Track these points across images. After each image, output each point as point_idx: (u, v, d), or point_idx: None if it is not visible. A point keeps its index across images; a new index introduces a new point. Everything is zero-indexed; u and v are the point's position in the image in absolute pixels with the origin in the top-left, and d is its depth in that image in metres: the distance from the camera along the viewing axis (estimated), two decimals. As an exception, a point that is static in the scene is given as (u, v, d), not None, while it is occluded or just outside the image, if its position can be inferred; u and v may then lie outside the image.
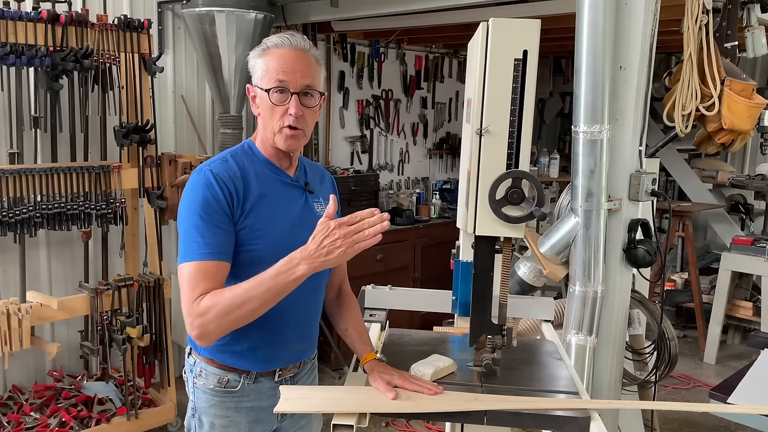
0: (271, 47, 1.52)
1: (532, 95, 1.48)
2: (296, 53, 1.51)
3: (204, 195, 1.45)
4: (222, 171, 1.49)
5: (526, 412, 1.45)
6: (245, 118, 4.01)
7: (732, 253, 4.48)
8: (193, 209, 1.45)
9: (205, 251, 1.43)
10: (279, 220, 1.54)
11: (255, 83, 1.54)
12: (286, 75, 1.49)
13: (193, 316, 1.39)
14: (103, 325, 3.07)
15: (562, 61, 5.96)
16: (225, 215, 1.46)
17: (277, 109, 1.51)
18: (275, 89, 1.49)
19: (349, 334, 1.72)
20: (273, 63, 1.50)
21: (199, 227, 1.43)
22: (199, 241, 1.43)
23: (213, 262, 1.43)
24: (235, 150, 1.60)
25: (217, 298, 1.39)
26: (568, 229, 2.12)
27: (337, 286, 1.79)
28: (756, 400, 2.24)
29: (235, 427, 1.61)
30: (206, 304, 1.38)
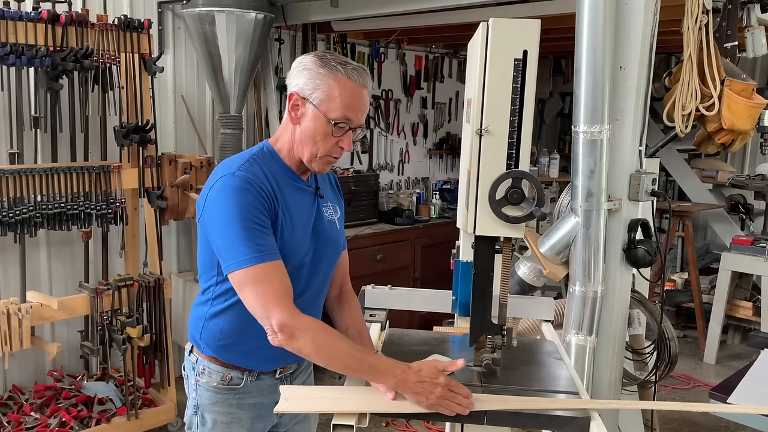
0: (341, 75, 1.47)
1: (532, 95, 1.49)
2: (363, 92, 1.51)
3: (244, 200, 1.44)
4: (253, 174, 1.47)
5: (526, 412, 1.46)
6: (245, 118, 4.01)
7: (732, 253, 4.48)
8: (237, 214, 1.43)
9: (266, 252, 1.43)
10: (297, 226, 1.55)
11: (311, 100, 1.49)
12: (353, 113, 1.49)
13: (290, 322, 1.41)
14: (103, 325, 3.07)
15: (562, 61, 5.96)
16: (266, 217, 1.46)
17: (330, 139, 1.50)
18: (342, 124, 1.49)
19: (349, 333, 1.72)
20: (343, 96, 1.47)
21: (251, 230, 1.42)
22: (253, 244, 1.42)
23: (277, 262, 1.45)
24: (255, 153, 1.57)
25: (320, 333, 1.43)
26: (568, 229, 2.12)
27: (338, 285, 1.79)
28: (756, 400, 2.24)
29: (237, 423, 1.62)
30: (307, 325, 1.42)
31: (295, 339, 1.41)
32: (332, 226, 1.67)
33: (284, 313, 1.41)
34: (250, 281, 1.42)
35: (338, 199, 1.77)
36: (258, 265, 1.41)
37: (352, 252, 1.90)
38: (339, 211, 1.73)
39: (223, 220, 1.45)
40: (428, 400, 1.39)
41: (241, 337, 1.55)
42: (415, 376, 1.41)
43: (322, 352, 1.44)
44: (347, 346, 1.45)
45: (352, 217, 4.34)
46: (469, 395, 1.42)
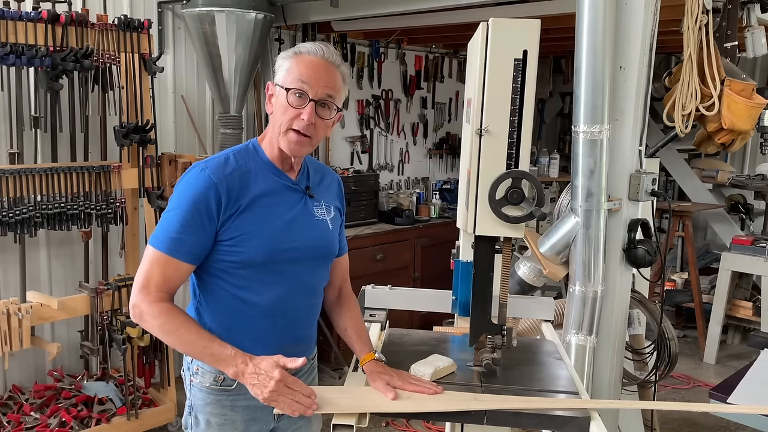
0: (303, 52, 1.53)
1: (532, 95, 1.49)
2: (325, 64, 1.52)
3: (195, 194, 1.48)
4: (219, 173, 1.50)
5: (526, 412, 1.46)
6: (245, 118, 4.01)
7: (732, 253, 4.48)
8: (181, 204, 1.49)
9: (177, 248, 1.48)
10: (271, 223, 1.54)
11: (276, 81, 1.54)
12: (310, 80, 1.50)
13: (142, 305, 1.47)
14: (103, 325, 3.07)
15: (562, 61, 5.96)
16: (209, 220, 1.48)
17: (290, 110, 1.51)
18: (295, 90, 1.50)
19: (348, 334, 1.72)
20: (300, 66, 1.51)
21: (181, 223, 1.47)
22: (174, 236, 1.48)
23: (176, 262, 1.49)
24: (238, 149, 1.60)
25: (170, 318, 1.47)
26: (568, 229, 2.12)
27: (337, 287, 1.79)
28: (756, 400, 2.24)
29: (230, 425, 1.61)
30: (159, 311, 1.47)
31: (144, 321, 1.49)
32: (321, 226, 1.65)
33: (144, 299, 1.48)
34: (146, 259, 1.50)
35: (337, 201, 1.76)
36: (160, 253, 1.48)
37: (353, 252, 1.90)
38: (334, 212, 1.71)
39: (170, 204, 1.52)
40: (262, 393, 1.39)
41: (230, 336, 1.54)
42: (252, 368, 1.41)
43: (166, 338, 1.51)
44: (192, 334, 1.48)
45: (352, 217, 4.35)
46: (311, 395, 1.40)
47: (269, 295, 1.56)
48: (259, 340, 1.57)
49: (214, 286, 1.56)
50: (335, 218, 1.71)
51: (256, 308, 1.56)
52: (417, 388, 1.50)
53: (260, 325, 1.57)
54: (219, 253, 1.52)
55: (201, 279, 1.57)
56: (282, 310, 1.58)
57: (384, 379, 1.52)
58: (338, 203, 1.76)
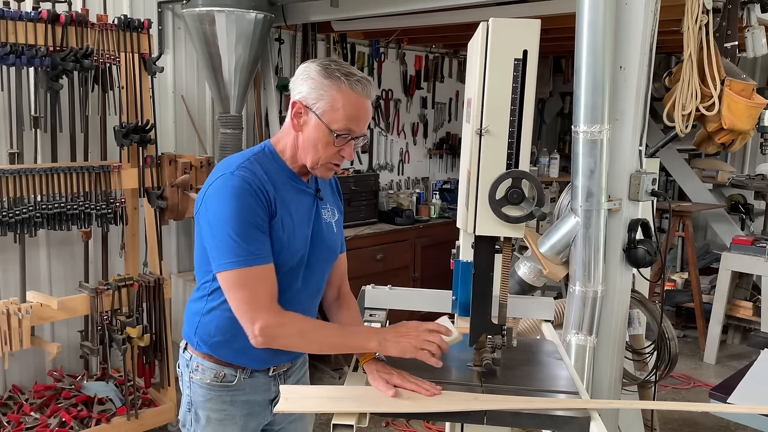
0: (345, 86, 1.48)
1: (532, 95, 1.49)
2: (366, 103, 1.52)
3: (242, 200, 1.45)
4: (251, 174, 1.49)
5: (526, 412, 1.45)
6: (245, 118, 4.01)
7: (732, 253, 4.48)
8: (233, 214, 1.45)
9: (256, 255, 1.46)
10: (293, 231, 1.55)
11: (314, 110, 1.50)
12: (355, 125, 1.50)
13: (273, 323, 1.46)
14: (103, 325, 3.07)
15: (562, 61, 5.96)
16: (263, 218, 1.47)
17: (332, 148, 1.51)
18: (342, 135, 1.50)
19: None
20: (347, 107, 1.48)
21: (245, 232, 1.45)
22: (245, 246, 1.45)
23: (264, 267, 1.47)
24: (256, 152, 1.58)
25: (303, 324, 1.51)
26: (568, 229, 2.12)
27: (336, 287, 1.80)
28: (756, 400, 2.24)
29: (230, 420, 1.62)
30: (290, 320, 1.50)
31: (280, 337, 1.49)
32: (329, 228, 1.68)
33: (269, 317, 1.46)
34: (237, 284, 1.46)
35: (337, 201, 1.77)
36: (246, 268, 1.45)
37: (353, 252, 1.91)
38: (337, 214, 1.73)
39: (218, 219, 1.46)
40: (409, 343, 1.47)
41: (236, 334, 1.55)
42: (393, 331, 1.51)
43: (305, 341, 1.52)
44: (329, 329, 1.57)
45: (352, 217, 4.35)
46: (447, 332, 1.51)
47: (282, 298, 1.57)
48: None
49: None
50: (338, 220, 1.74)
51: None
52: (416, 387, 1.50)
53: None
54: None
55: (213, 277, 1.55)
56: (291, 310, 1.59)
57: (384, 377, 1.53)
58: (338, 204, 1.78)
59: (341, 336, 1.54)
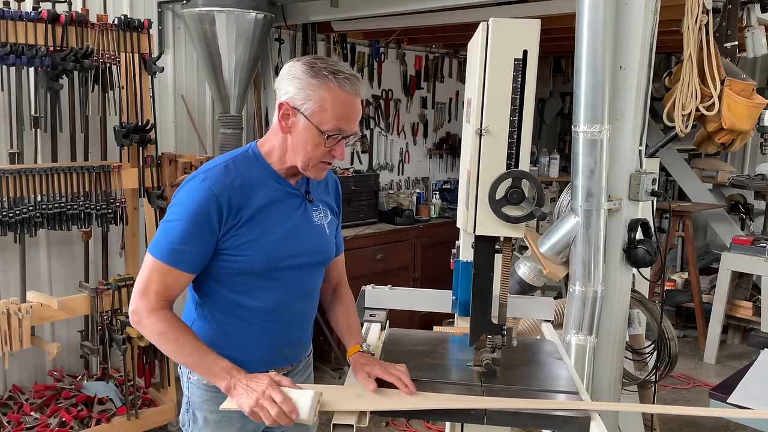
0: (333, 85, 1.44)
1: (532, 95, 1.48)
2: (356, 100, 1.49)
3: (196, 206, 1.46)
4: (220, 182, 1.48)
5: (526, 412, 1.45)
6: (245, 118, 4.01)
7: (732, 253, 4.48)
8: (183, 216, 1.47)
9: (178, 259, 1.47)
10: (272, 231, 1.53)
11: (302, 111, 1.46)
12: (346, 124, 1.47)
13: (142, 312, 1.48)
14: (103, 324, 3.07)
15: (562, 61, 5.96)
16: (210, 231, 1.47)
17: (322, 148, 1.49)
18: (333, 135, 1.47)
19: (339, 325, 1.74)
20: (335, 106, 1.45)
21: (182, 234, 1.46)
22: (175, 247, 1.46)
23: (177, 272, 1.48)
24: (238, 154, 1.57)
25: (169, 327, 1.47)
26: (568, 229, 2.12)
27: (333, 284, 1.80)
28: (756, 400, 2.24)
29: (228, 422, 1.62)
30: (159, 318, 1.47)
31: (142, 327, 1.49)
32: (320, 230, 1.65)
33: (145, 306, 1.47)
34: (151, 270, 1.48)
35: (333, 202, 1.75)
36: (161, 262, 1.47)
37: (353, 252, 1.91)
38: (330, 215, 1.70)
39: (171, 213, 1.51)
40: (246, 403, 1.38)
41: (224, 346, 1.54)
42: (245, 381, 1.41)
43: (163, 346, 1.50)
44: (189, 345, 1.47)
45: (352, 217, 4.34)
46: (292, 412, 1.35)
47: (267, 301, 1.56)
48: (257, 344, 1.58)
49: (213, 291, 1.56)
50: (332, 222, 1.71)
51: (253, 313, 1.56)
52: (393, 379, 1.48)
53: (257, 329, 1.58)
54: (219, 261, 1.51)
55: (200, 283, 1.57)
56: (279, 314, 1.59)
57: (365, 369, 1.52)
58: (335, 204, 1.75)
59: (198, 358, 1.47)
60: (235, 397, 1.41)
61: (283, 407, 1.35)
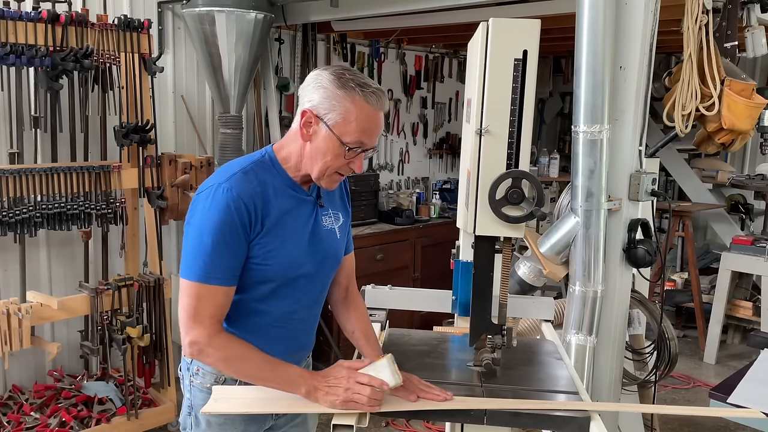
0: (359, 98, 1.43)
1: (532, 95, 1.49)
2: (380, 115, 1.48)
3: (223, 216, 1.42)
4: (243, 189, 1.44)
5: (526, 412, 1.46)
6: (245, 118, 4.01)
7: (732, 253, 4.48)
8: (213, 229, 1.42)
9: (218, 275, 1.43)
10: (292, 240, 1.53)
11: (326, 120, 1.44)
12: (368, 138, 1.46)
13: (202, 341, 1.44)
14: (103, 325, 3.07)
15: (562, 61, 5.96)
16: (241, 239, 1.44)
17: (341, 160, 1.47)
18: (355, 147, 1.46)
19: (356, 336, 1.71)
20: (360, 120, 1.43)
21: (215, 249, 1.42)
22: (214, 263, 1.43)
23: (222, 288, 1.45)
24: (254, 161, 1.53)
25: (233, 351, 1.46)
26: (568, 229, 2.12)
27: (344, 287, 1.78)
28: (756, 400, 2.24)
29: (230, 425, 1.61)
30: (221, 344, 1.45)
31: (205, 356, 1.47)
32: (331, 236, 1.64)
33: (201, 333, 1.44)
34: (192, 294, 1.44)
35: (344, 205, 1.74)
36: (200, 284, 1.43)
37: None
38: (342, 217, 1.70)
39: (195, 229, 1.45)
40: (338, 396, 1.41)
41: None
42: (323, 380, 1.44)
43: (229, 368, 1.51)
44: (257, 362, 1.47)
45: (352, 217, 4.33)
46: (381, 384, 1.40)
47: (278, 308, 1.56)
48: (264, 348, 1.57)
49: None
50: (343, 225, 1.70)
51: (265, 318, 1.56)
52: (428, 395, 1.48)
53: (268, 334, 1.57)
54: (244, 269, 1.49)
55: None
56: (288, 321, 1.59)
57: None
58: (345, 205, 1.74)
59: (270, 372, 1.47)
60: (320, 399, 1.42)
61: (373, 384, 1.40)
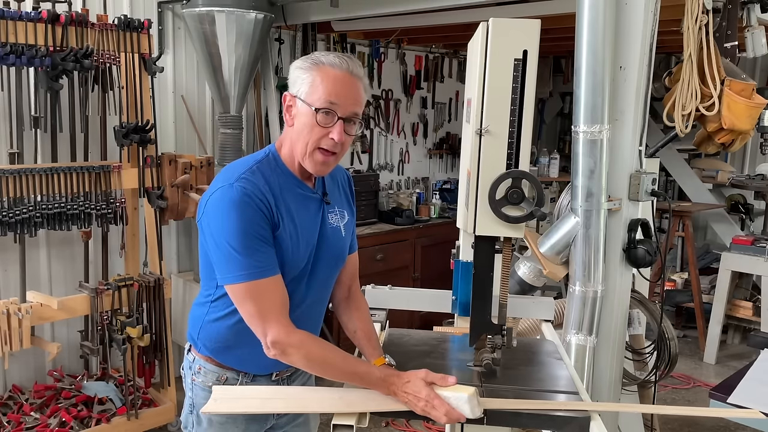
0: (325, 64, 1.46)
1: (532, 95, 1.49)
2: (351, 78, 1.47)
3: (245, 212, 1.42)
4: (256, 183, 1.45)
5: (526, 412, 1.46)
6: (245, 118, 4.02)
7: (732, 253, 4.48)
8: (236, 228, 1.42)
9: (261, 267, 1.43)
10: (301, 237, 1.53)
11: (299, 95, 1.47)
12: (338, 98, 1.45)
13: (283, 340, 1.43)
14: (103, 325, 3.07)
15: (562, 61, 5.96)
16: (267, 228, 1.45)
17: (317, 129, 1.46)
18: (324, 110, 1.45)
19: (357, 336, 1.71)
20: (326, 82, 1.44)
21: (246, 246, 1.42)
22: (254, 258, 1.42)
23: (273, 279, 1.45)
24: (259, 159, 1.54)
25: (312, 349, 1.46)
26: (568, 229, 2.12)
27: (347, 286, 1.78)
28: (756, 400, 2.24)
29: (232, 424, 1.61)
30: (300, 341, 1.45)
31: (288, 355, 1.45)
32: (336, 233, 1.64)
33: (279, 331, 1.43)
34: (248, 296, 1.44)
35: (349, 203, 1.74)
36: (255, 281, 1.43)
37: (352, 252, 1.88)
38: (347, 215, 1.70)
39: (220, 233, 1.44)
40: (416, 408, 1.42)
41: (238, 343, 1.55)
42: (402, 386, 1.44)
43: (314, 368, 1.50)
44: (337, 360, 1.47)
45: (352, 217, 4.34)
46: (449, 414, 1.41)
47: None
48: None
49: None
50: (348, 223, 1.70)
51: None
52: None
53: None
54: None
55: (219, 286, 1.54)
56: (295, 317, 1.58)
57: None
58: (350, 202, 1.74)
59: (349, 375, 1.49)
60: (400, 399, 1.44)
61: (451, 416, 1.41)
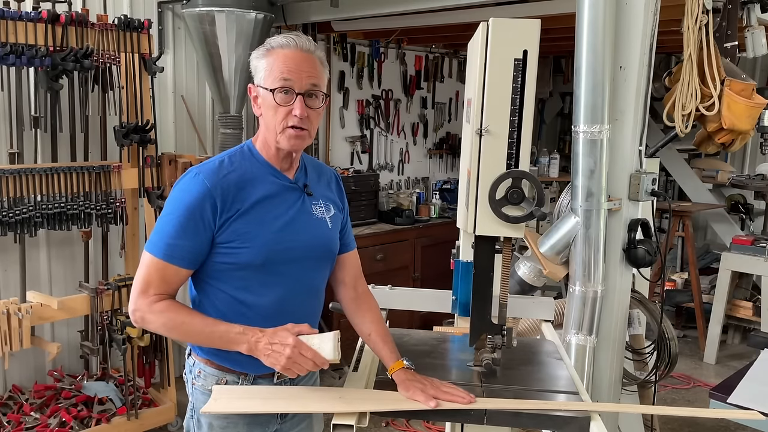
0: (275, 47, 1.51)
1: (532, 95, 1.49)
2: (302, 54, 1.51)
3: (189, 200, 1.48)
4: (213, 177, 1.50)
5: (526, 412, 1.46)
6: (245, 118, 4.01)
7: (732, 253, 4.48)
8: (176, 210, 1.49)
9: (173, 254, 1.49)
10: (269, 224, 1.53)
11: (258, 83, 1.53)
12: (291, 75, 1.48)
13: (143, 308, 1.49)
14: (103, 325, 3.07)
15: (562, 61, 5.96)
16: (204, 225, 1.48)
17: (280, 110, 1.50)
18: (280, 89, 1.48)
19: (372, 339, 1.68)
20: (278, 63, 1.49)
21: (176, 229, 1.48)
22: (170, 242, 1.48)
23: (174, 267, 1.49)
24: (233, 151, 1.59)
25: (172, 314, 1.49)
26: (568, 229, 2.12)
27: (351, 287, 1.76)
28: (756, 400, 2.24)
29: (233, 428, 1.60)
30: (160, 309, 1.49)
31: (147, 322, 1.51)
32: (321, 225, 1.64)
33: (143, 301, 1.49)
34: (144, 266, 1.51)
35: (336, 197, 1.73)
36: (157, 258, 1.49)
37: (352, 252, 1.88)
38: (333, 209, 1.69)
39: (165, 209, 1.53)
40: (279, 362, 1.42)
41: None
42: (266, 339, 1.44)
43: (173, 332, 1.54)
44: (197, 323, 1.50)
45: (352, 217, 4.29)
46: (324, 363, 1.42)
47: (269, 297, 1.55)
48: None
49: (213, 288, 1.56)
50: (335, 216, 1.69)
51: (255, 310, 1.55)
52: (451, 397, 1.48)
53: (260, 327, 1.56)
54: (217, 256, 1.51)
55: (199, 281, 1.57)
56: (282, 311, 1.57)
57: (418, 387, 1.50)
58: (338, 200, 1.74)
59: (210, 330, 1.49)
60: (263, 357, 1.44)
61: (316, 361, 1.41)
